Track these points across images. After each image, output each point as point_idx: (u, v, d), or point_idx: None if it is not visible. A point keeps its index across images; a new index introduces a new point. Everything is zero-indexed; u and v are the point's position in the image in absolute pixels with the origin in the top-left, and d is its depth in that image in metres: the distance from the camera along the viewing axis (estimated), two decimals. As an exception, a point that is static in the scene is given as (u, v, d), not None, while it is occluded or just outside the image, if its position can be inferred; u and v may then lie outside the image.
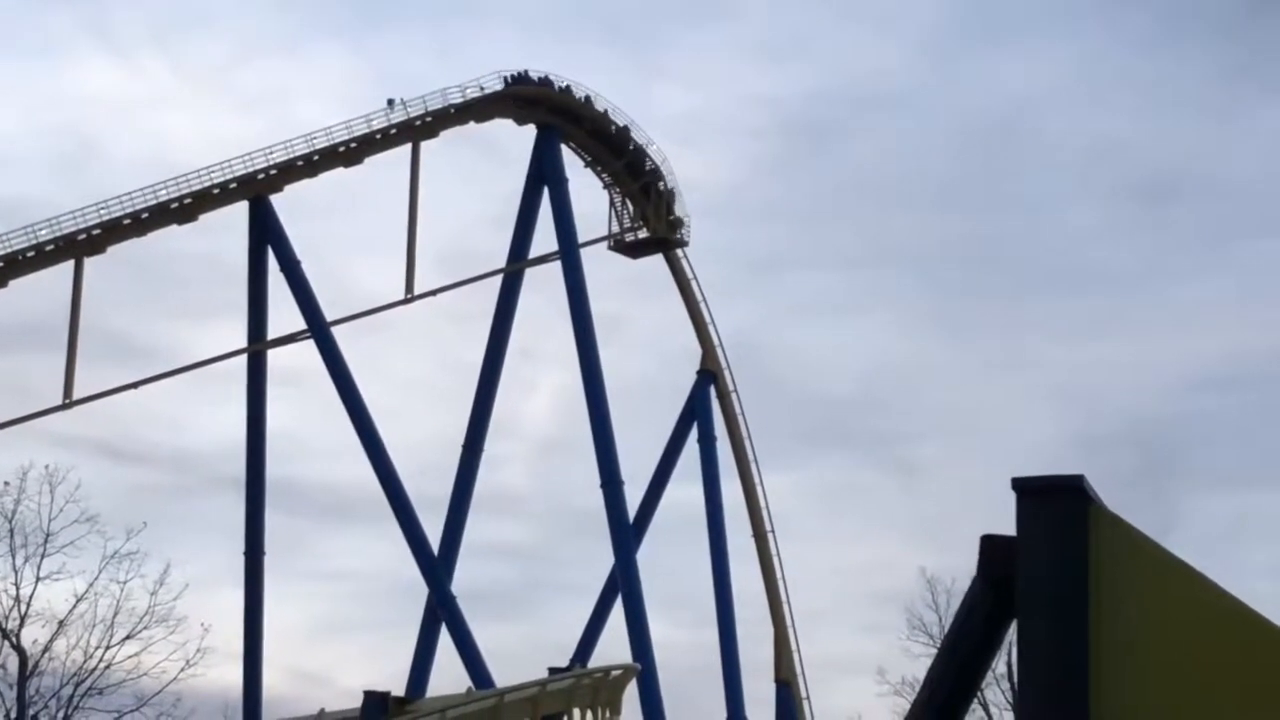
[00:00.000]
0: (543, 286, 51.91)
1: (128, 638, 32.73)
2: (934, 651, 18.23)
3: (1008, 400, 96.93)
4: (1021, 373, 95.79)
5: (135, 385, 47.56)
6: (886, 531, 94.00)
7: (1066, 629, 14.23)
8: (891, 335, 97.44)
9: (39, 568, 32.81)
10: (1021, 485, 15.13)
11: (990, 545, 15.84)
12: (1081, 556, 14.45)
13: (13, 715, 31.45)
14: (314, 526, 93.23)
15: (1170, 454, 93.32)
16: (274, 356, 49.39)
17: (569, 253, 50.28)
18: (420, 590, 47.04)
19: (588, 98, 53.87)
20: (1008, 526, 15.25)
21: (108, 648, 32.41)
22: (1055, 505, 14.73)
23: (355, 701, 40.09)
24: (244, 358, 48.82)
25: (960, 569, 53.59)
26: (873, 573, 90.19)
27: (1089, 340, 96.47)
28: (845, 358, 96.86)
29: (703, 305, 55.40)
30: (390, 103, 50.84)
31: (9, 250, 47.24)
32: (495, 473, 78.64)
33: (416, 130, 50.68)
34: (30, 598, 32.50)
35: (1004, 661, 43.77)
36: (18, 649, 32.05)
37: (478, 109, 51.87)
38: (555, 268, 50.50)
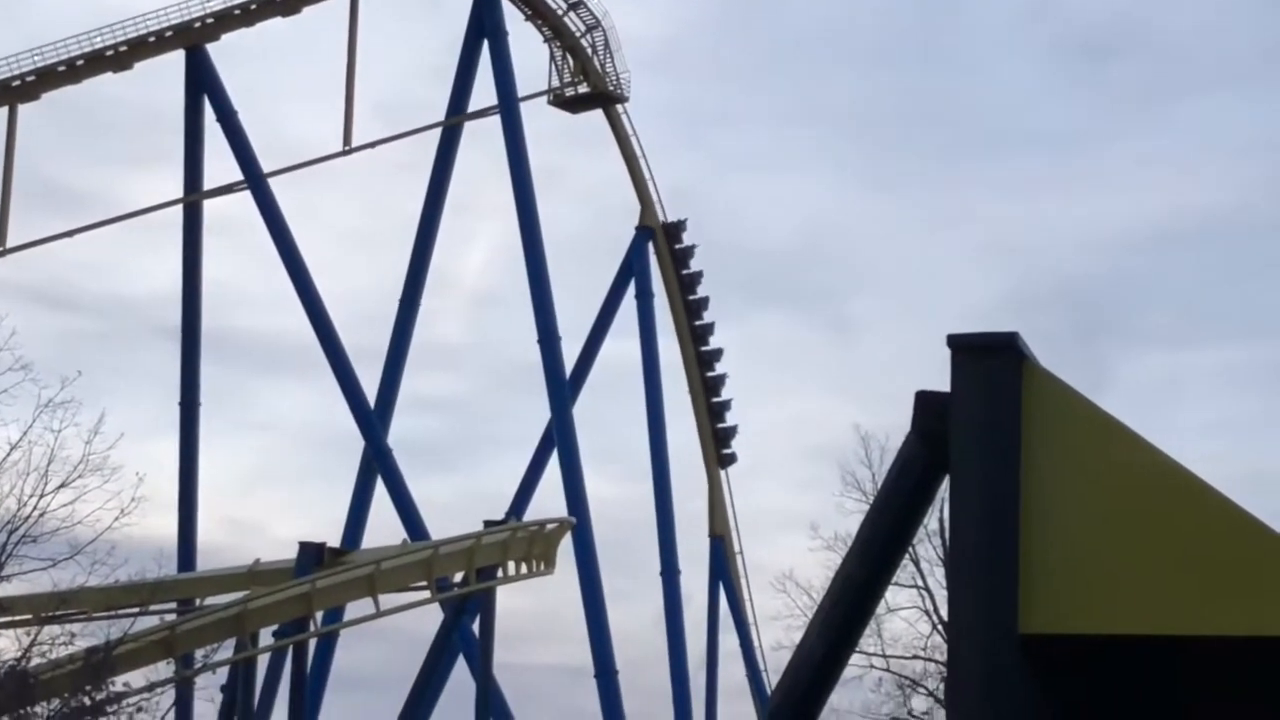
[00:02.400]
0: (482, 140, 51.66)
1: (62, 486, 32.53)
2: (866, 508, 18.29)
3: (943, 258, 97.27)
4: (957, 231, 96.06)
5: (70, 234, 47.24)
6: (821, 388, 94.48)
7: (998, 485, 14.29)
8: (828, 192, 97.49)
9: (-28, 416, 32.61)
10: (956, 341, 15.14)
11: (924, 401, 15.86)
12: (1014, 413, 14.50)
13: (-55, 562, 31.35)
14: (249, 377, 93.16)
15: (1104, 313, 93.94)
16: (210, 207, 49.10)
17: (508, 107, 49.96)
18: (356, 442, 47.11)
19: (528, -51, 53.38)
20: (942, 383, 15.27)
21: (41, 496, 32.24)
22: (989, 362, 14.76)
23: (290, 552, 40.23)
24: (180, 208, 48.48)
25: (894, 426, 53.82)
26: (807, 429, 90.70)
27: (1025, 199, 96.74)
28: (782, 214, 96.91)
29: (642, 161, 55.23)
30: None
31: (-59, 96, 46.66)
32: (432, 326, 78.60)
33: (355, -21, 50.16)
34: (-39, 444, 32.32)
35: (936, 518, 44.07)
36: (-50, 496, 31.93)
37: (417, -41, 51.36)
38: (495, 121, 50.20)
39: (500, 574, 40.36)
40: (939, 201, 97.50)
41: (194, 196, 48.41)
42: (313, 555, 39.38)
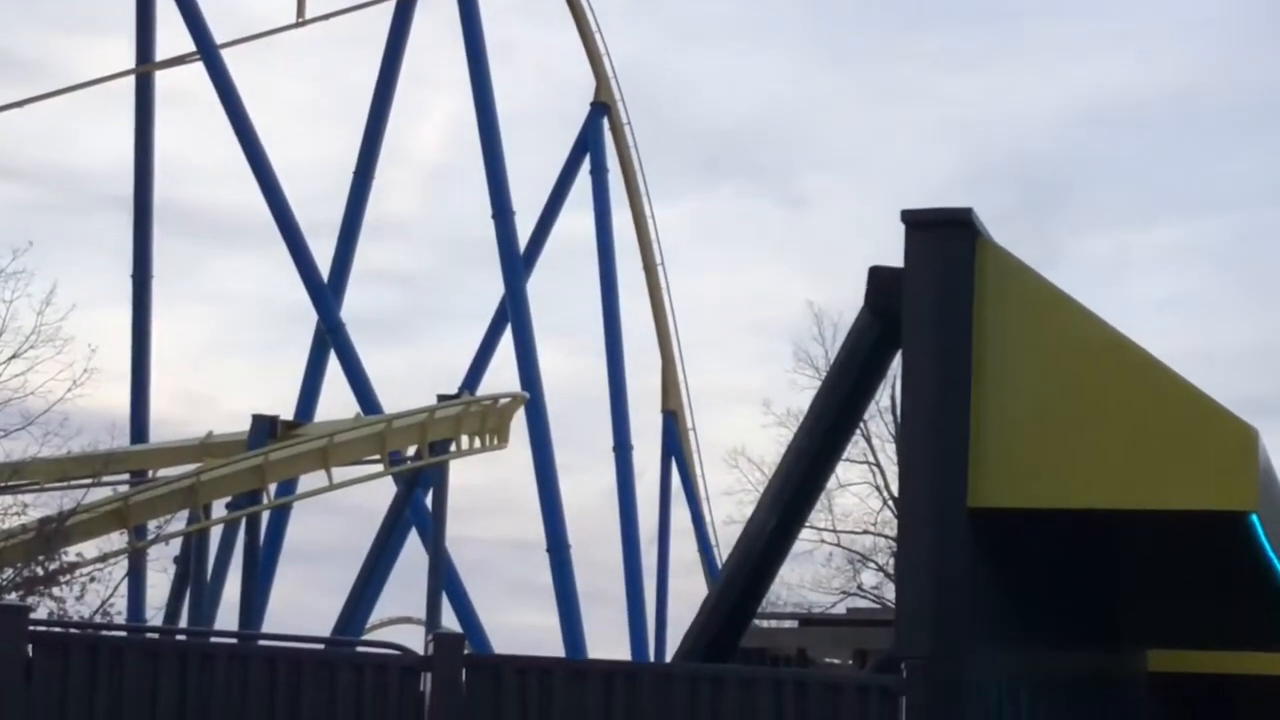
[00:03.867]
0: (436, 13, 51.21)
1: (13, 357, 32.43)
2: (819, 384, 18.36)
3: (897, 134, 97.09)
4: (911, 106, 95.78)
5: (20, 104, 46.79)
6: (775, 264, 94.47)
7: (950, 360, 14.39)
8: (784, 66, 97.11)
9: (-78, 286, 32.42)
10: (910, 217, 15.24)
11: (878, 276, 15.96)
12: (967, 288, 14.59)
13: (-105, 431, 31.28)
14: (201, 249, 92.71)
15: (1056, 190, 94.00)
16: (162, 78, 48.66)
17: (463, -22, 49.54)
18: (308, 315, 46.97)
19: None
20: (896, 260, 15.28)
21: (-8, 366, 32.15)
22: (943, 237, 14.86)
23: (243, 425, 40.21)
24: (131, 79, 48.06)
25: (848, 302, 54.05)
26: (760, 305, 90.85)
27: (978, 73, 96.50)
28: (736, 89, 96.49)
29: (597, 36, 54.89)
30: None
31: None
32: (385, 200, 78.27)
33: None
34: (-89, 314, 32.15)
35: (888, 394, 44.30)
36: (-100, 365, 31.82)
37: None
38: (449, -7, 49.76)
39: (453, 448, 40.43)
40: (894, 76, 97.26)
41: (145, 67, 47.97)
42: (265, 428, 39.38)
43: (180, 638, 20.09)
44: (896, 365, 14.97)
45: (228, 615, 38.98)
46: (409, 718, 13.14)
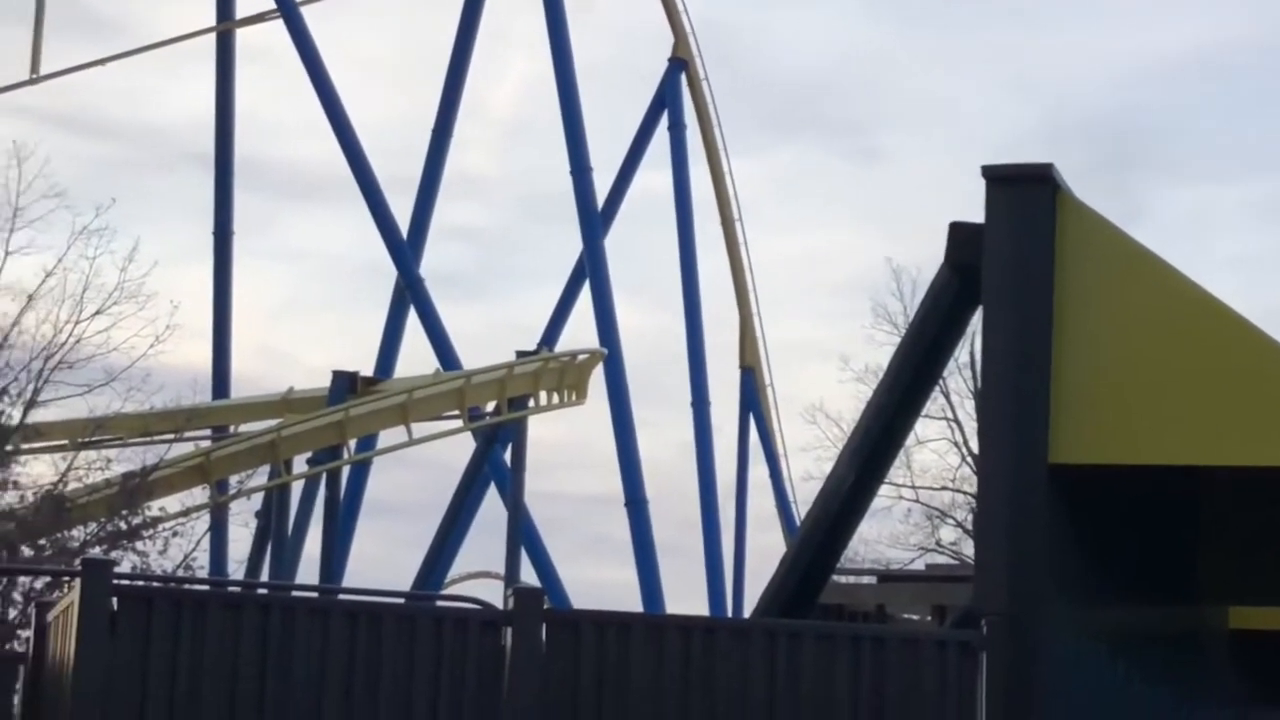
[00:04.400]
0: (514, -32, 51.13)
1: (97, 313, 32.66)
2: (898, 340, 18.31)
3: (974, 90, 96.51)
4: (987, 62, 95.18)
5: (102, 62, 47.04)
6: (852, 220, 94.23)
7: (1031, 316, 14.32)
8: (860, 20, 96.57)
9: (7, 242, 32.60)
10: (991, 172, 15.13)
11: (958, 232, 15.88)
12: (1048, 243, 14.50)
13: (-18, 388, 31.57)
14: (281, 206, 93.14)
15: (1135, 146, 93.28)
16: (242, 35, 48.78)
17: (541, -66, 49.45)
18: (388, 271, 47.08)
19: None
20: (974, 217, 15.18)
21: (77, 323, 32.38)
22: (1024, 192, 14.75)
23: (323, 380, 40.42)
24: (212, 36, 48.21)
25: (926, 258, 53.86)
26: (838, 261, 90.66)
27: (1057, 28, 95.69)
28: (814, 43, 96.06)
29: (675, -10, 54.68)
30: None
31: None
32: (464, 156, 78.42)
33: None
34: (-1, 272, 32.43)
35: (966, 350, 44.09)
36: (-14, 322, 32.09)
37: None
38: (527, -51, 49.68)
39: (531, 404, 40.53)
40: (970, 31, 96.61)
41: (226, 25, 48.13)
42: (345, 384, 39.58)
43: (262, 592, 20.25)
44: (976, 321, 14.91)
45: (308, 570, 39.26)
46: (489, 672, 13.20)
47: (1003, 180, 13.89)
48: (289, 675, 12.94)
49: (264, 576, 37.32)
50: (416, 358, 47.36)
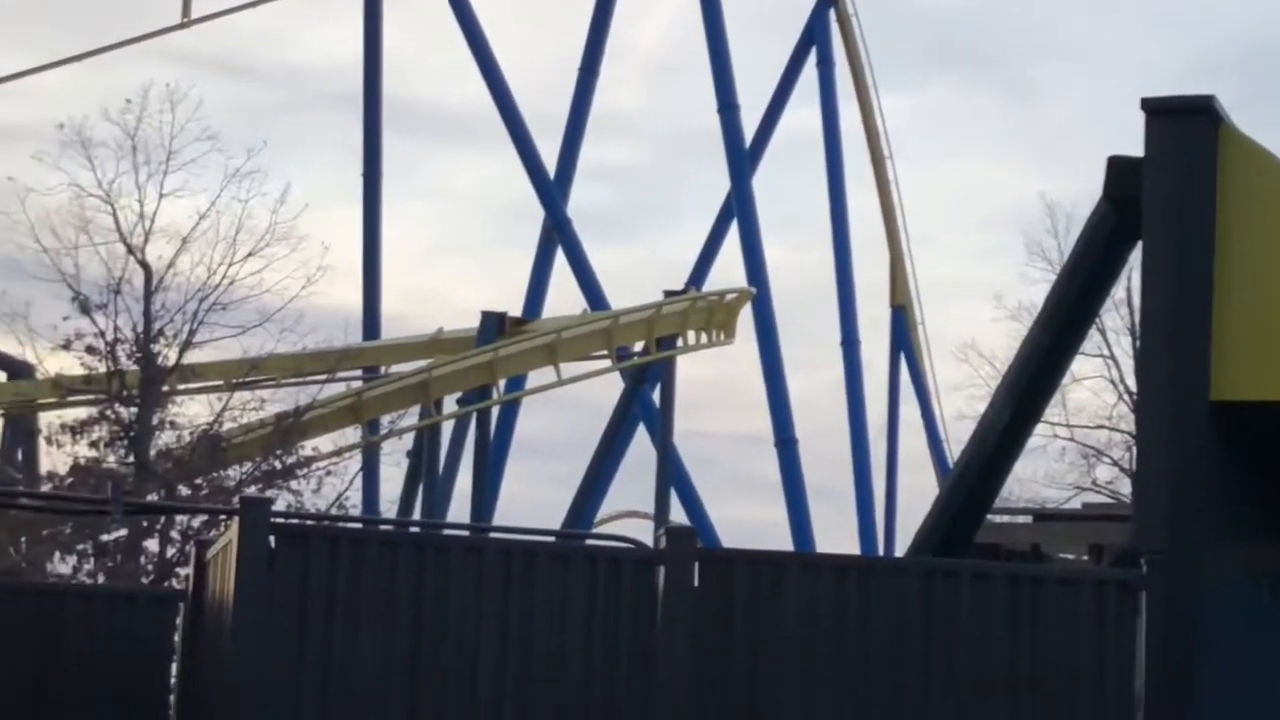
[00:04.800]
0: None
1: (250, 255, 33.03)
2: (1053, 278, 18.14)
3: (1125, 22, 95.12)
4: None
5: (253, 4, 47.37)
6: (1004, 155, 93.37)
7: (1192, 250, 14.11)
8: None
9: (161, 185, 33.02)
10: (1151, 105, 14.89)
11: (1117, 166, 15.65)
12: (1210, 177, 14.27)
13: (139, 328, 32.03)
14: (429, 147, 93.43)
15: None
16: (389, -24, 48.88)
17: None
18: (535, 212, 47.20)
19: None
20: (1127, 150, 14.88)
21: (230, 265, 32.77)
22: (1185, 125, 14.51)
23: (472, 321, 40.65)
24: (360, -24, 48.39)
25: (1080, 194, 53.18)
26: (990, 197, 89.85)
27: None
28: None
29: (822, -75, 54.26)
30: None
31: None
32: (610, 95, 78.37)
33: None
34: (154, 215, 32.82)
35: (1124, 286, 43.61)
36: (143, 264, 32.47)
37: None
38: (673, -114, 49.52)
39: (680, 343, 40.57)
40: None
41: (373, -35, 48.30)
42: (494, 324, 39.79)
43: (416, 530, 20.41)
44: (1134, 257, 14.71)
45: (459, 508, 39.59)
46: (643, 610, 13.23)
47: (1163, 113, 13.69)
48: (445, 613, 13.04)
49: (415, 516, 37.65)
50: (564, 298, 47.48)
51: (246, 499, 13.87)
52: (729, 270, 49.79)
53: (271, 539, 12.98)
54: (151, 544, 30.99)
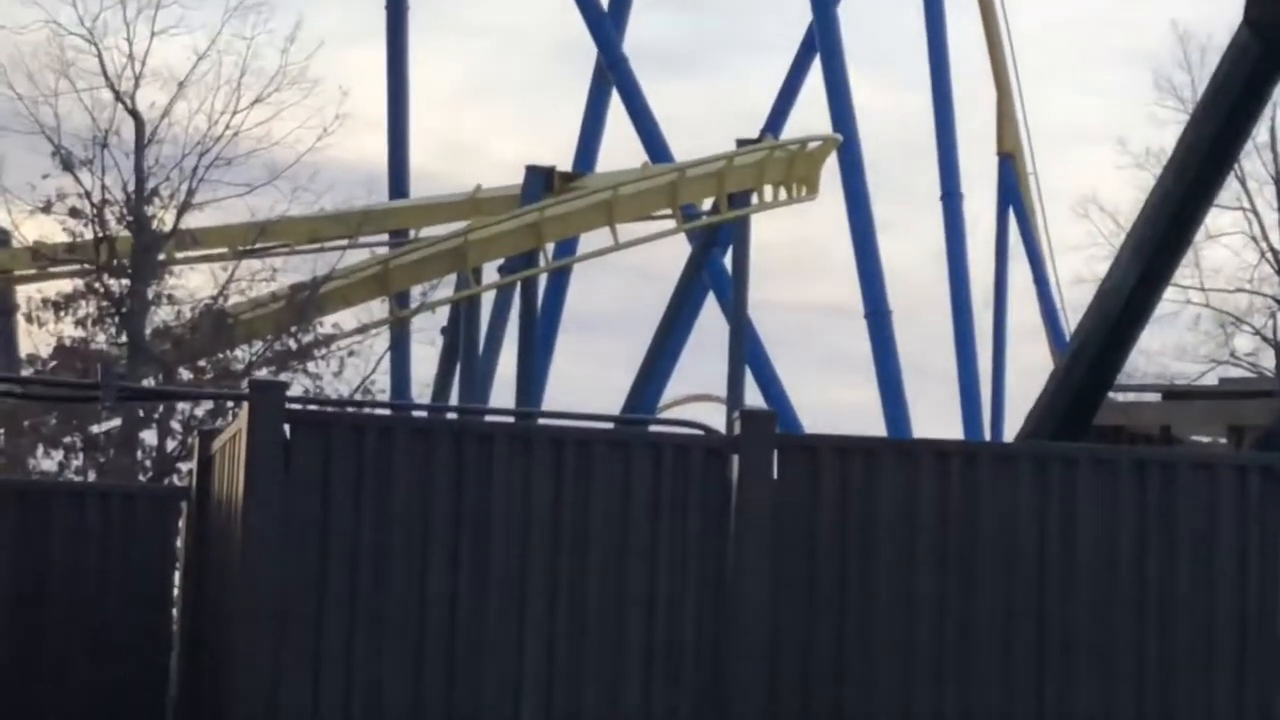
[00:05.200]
0: None
1: (256, 102, 32.94)
2: (1185, 118, 18.07)
3: None
4: None
5: None
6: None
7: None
8: None
9: (154, 21, 32.93)
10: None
11: (1261, -14, 15.44)
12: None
13: (130, 187, 32.04)
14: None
15: None
16: None
17: None
18: (586, 48, 47.03)
19: None
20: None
21: (234, 113, 32.70)
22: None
23: (515, 178, 40.61)
24: None
25: (1218, 21, 52.70)
26: (1113, 26, 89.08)
27: None
28: None
29: None
30: None
31: None
32: (672, -87, 77.69)
33: None
34: (145, 55, 32.77)
35: (1266, 128, 43.40)
36: (134, 113, 32.42)
37: None
38: None
39: (755, 200, 40.46)
40: None
41: None
42: (541, 180, 39.74)
43: (453, 417, 20.52)
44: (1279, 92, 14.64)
45: (502, 392, 39.71)
46: (714, 504, 13.30)
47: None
48: (488, 512, 13.12)
49: (453, 400, 37.80)
50: (621, 149, 47.38)
51: (257, 383, 14.00)
52: (811, 115, 49.62)
53: (286, 428, 13.06)
54: (149, 436, 31.17)
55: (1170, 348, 48.13)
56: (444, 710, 12.96)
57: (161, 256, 32.44)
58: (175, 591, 16.34)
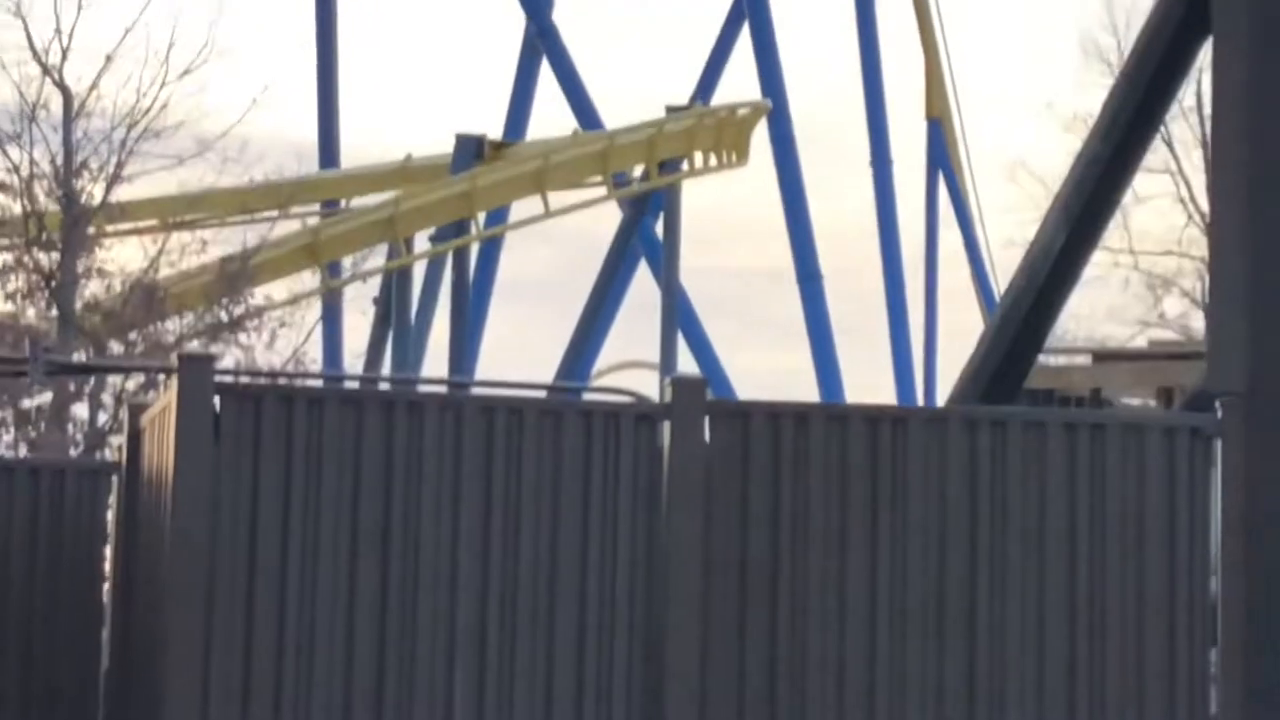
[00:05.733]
0: None
1: (185, 73, 32.81)
2: (1112, 82, 18.08)
3: None
4: None
5: None
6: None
7: (1271, 42, 13.97)
8: None
9: (81, -8, 32.82)
10: None
11: (1184, -53, 15.38)
12: (1294, -46, 14.00)
13: (59, 160, 31.87)
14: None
15: None
16: None
17: None
18: (515, 15, 46.94)
19: None
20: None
21: (162, 85, 32.55)
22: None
23: (445, 147, 40.54)
24: None
25: (1144, -14, 52.76)
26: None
27: None
28: None
29: None
30: None
31: None
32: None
33: None
34: (72, 28, 32.58)
35: (1193, 91, 43.44)
36: (61, 86, 32.24)
37: None
38: None
39: (685, 166, 40.50)
40: None
41: None
42: (471, 149, 39.67)
43: (385, 387, 20.45)
44: (1205, 56, 14.63)
45: (435, 361, 39.66)
46: (645, 471, 13.27)
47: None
48: (418, 480, 13.08)
49: (385, 370, 37.73)
50: (552, 117, 47.31)
51: (186, 355, 13.85)
52: (741, 81, 49.60)
53: (216, 400, 12.99)
54: (80, 409, 31.06)
55: (1100, 310, 48.23)
56: (375, 678, 12.92)
57: (91, 230, 32.27)
58: (106, 566, 16.25)
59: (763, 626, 13.22)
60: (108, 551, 16.11)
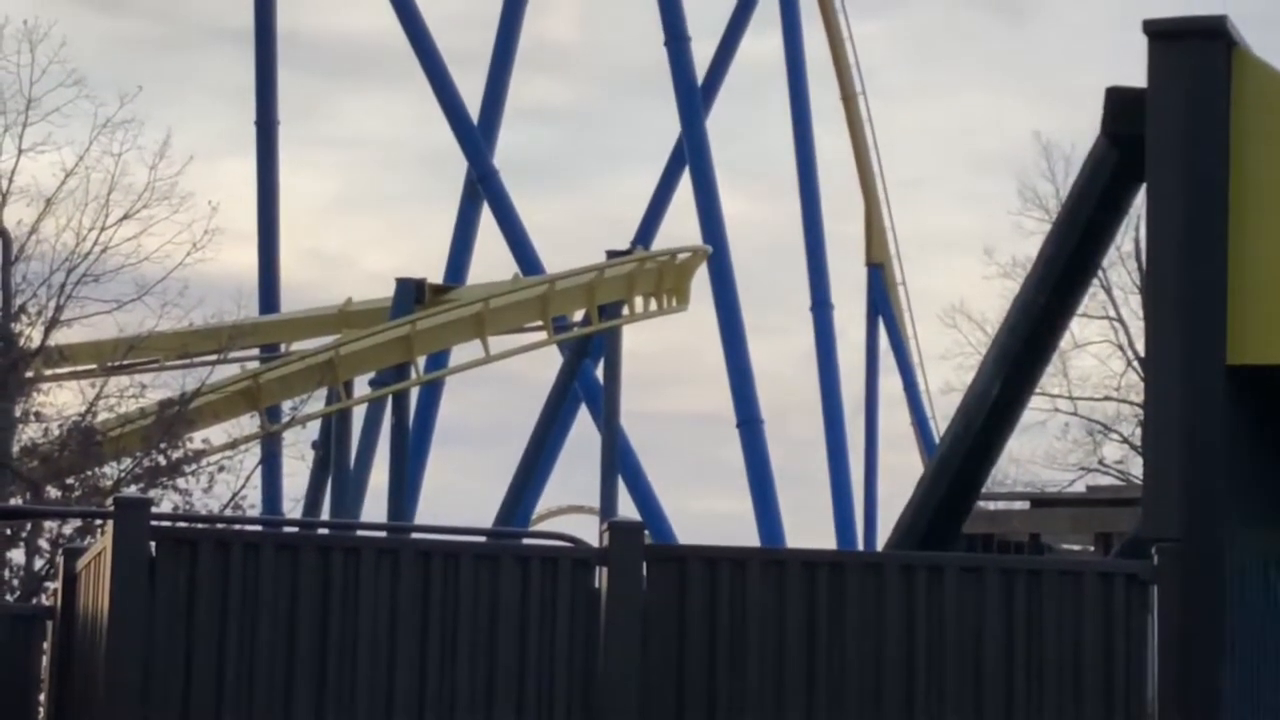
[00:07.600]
0: None
1: (125, 217, 32.85)
2: (1049, 227, 18.25)
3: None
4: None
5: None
6: (993, 87, 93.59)
7: (1204, 195, 14.19)
8: None
9: (20, 138, 32.82)
10: (1154, 28, 14.99)
11: (1117, 99, 15.79)
12: (1223, 106, 14.37)
13: (-2, 304, 31.85)
14: (332, 87, 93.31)
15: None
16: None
17: None
18: (457, 161, 47.15)
19: None
20: (1136, 80, 14.99)
21: (103, 229, 32.59)
22: (1194, 50, 14.62)
23: (386, 290, 40.61)
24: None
25: (1080, 131, 53.36)
26: (978, 137, 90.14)
27: None
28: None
29: None
30: None
31: None
32: (541, 25, 78.19)
33: None
34: (12, 173, 32.64)
35: (1130, 237, 43.85)
36: (0, 231, 32.36)
37: None
38: None
39: (626, 311, 40.60)
40: None
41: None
42: (411, 293, 39.75)
43: (323, 532, 20.39)
44: (1140, 203, 14.79)
45: (374, 506, 39.59)
46: (582, 616, 13.27)
47: (1168, 36, 13.74)
48: (355, 626, 13.05)
49: (324, 515, 37.62)
50: (492, 261, 47.52)
51: (122, 500, 13.83)
52: (681, 226, 49.91)
53: (152, 545, 12.96)
54: (16, 554, 30.90)
55: (1039, 455, 48.48)
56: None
57: (29, 374, 32.22)
58: (40, 713, 16.13)
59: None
60: (42, 699, 16.00)
